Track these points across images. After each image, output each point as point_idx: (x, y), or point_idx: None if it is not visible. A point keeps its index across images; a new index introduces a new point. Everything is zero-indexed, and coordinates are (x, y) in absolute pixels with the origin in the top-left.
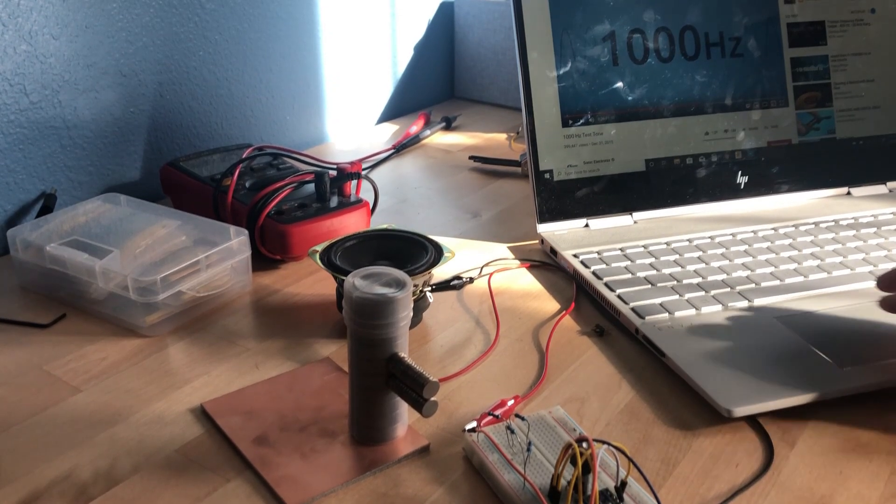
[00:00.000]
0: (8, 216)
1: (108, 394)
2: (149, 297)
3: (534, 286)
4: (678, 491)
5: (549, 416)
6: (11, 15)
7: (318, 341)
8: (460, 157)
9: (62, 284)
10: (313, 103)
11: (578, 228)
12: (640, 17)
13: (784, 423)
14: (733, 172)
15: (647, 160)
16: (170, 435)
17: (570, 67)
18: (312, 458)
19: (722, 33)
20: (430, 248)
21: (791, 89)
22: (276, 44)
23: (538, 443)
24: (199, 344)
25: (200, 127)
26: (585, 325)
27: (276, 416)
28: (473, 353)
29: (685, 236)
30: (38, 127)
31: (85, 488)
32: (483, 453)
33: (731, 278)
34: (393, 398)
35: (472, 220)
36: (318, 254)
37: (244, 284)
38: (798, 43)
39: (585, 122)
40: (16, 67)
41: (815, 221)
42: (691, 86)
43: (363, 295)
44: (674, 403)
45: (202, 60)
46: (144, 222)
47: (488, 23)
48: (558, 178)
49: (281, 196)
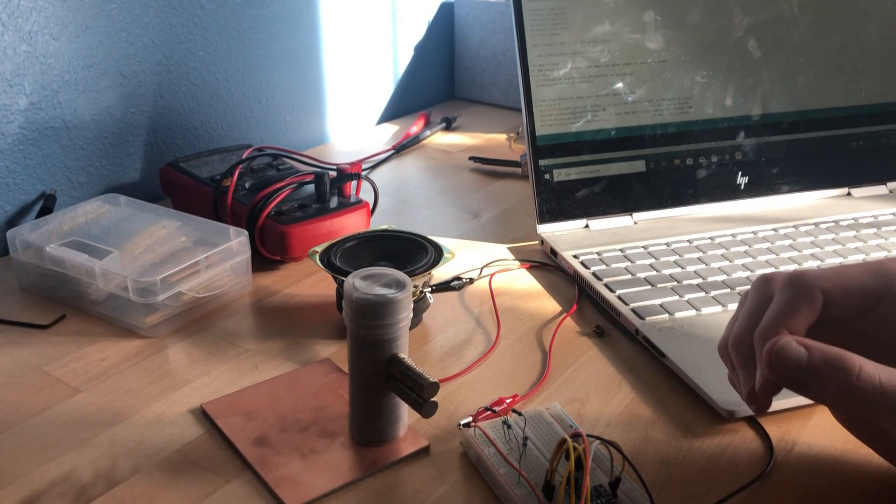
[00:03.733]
0: (8, 217)
1: (107, 394)
2: (149, 298)
3: (534, 287)
4: (678, 492)
5: (546, 412)
6: (11, 15)
7: (318, 342)
8: (460, 158)
9: (62, 285)
10: (313, 104)
11: (578, 229)
12: (640, 17)
13: (784, 423)
14: (733, 173)
15: (647, 160)
16: (170, 436)
17: (570, 67)
18: (312, 459)
19: (723, 33)
20: (430, 249)
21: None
22: (276, 44)
23: (534, 438)
24: (199, 345)
25: (200, 127)
26: (585, 326)
27: (275, 417)
28: (473, 354)
29: (685, 237)
30: (38, 128)
31: (85, 489)
32: (479, 447)
33: (731, 279)
34: (393, 399)
35: (472, 220)
36: (318, 254)
37: (244, 285)
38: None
39: (586, 123)
40: (15, 68)
41: (815, 222)
42: (691, 86)
43: (363, 296)
44: (674, 404)
45: (202, 61)
46: (144, 223)
47: (488, 23)
48: (558, 178)
49: (281, 197)
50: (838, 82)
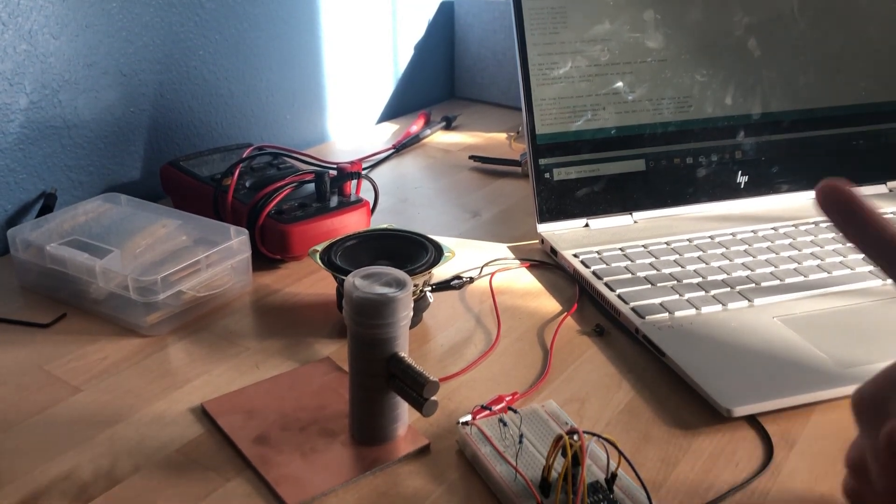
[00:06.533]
0: (8, 216)
1: (108, 393)
2: (149, 297)
3: (534, 286)
4: (678, 490)
5: (542, 410)
6: (11, 14)
7: (319, 341)
8: (460, 157)
9: (62, 284)
10: (313, 103)
11: (578, 228)
12: (640, 16)
13: (784, 423)
14: (733, 172)
15: (646, 159)
16: (170, 434)
17: (570, 66)
18: (313, 458)
19: (723, 32)
20: (431, 248)
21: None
22: (276, 43)
23: (530, 435)
24: (200, 343)
25: (201, 126)
26: (585, 325)
27: (276, 416)
28: (473, 353)
29: (685, 236)
30: (39, 127)
31: (85, 488)
32: (475, 445)
33: (731, 278)
34: (393, 398)
35: (473, 219)
36: (319, 253)
37: (244, 284)
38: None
39: (586, 122)
40: (16, 67)
41: (815, 221)
42: (691, 85)
43: (363, 295)
44: (674, 403)
45: (202, 60)
46: (145, 222)
47: (488, 23)
48: (558, 177)
49: (281, 196)
50: (838, 81)
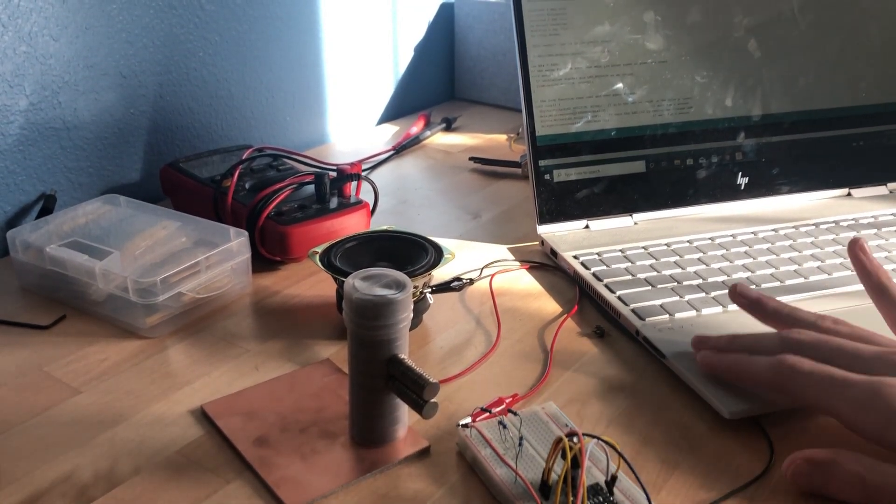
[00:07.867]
0: (8, 217)
1: (108, 395)
2: (149, 299)
3: (534, 287)
4: (679, 492)
5: (542, 412)
6: (11, 16)
7: (318, 343)
8: (460, 158)
9: (62, 286)
10: (313, 104)
11: (579, 230)
12: (641, 18)
13: (784, 424)
14: (733, 173)
15: (647, 161)
16: (170, 436)
17: (570, 68)
18: (312, 460)
19: (723, 33)
20: (431, 250)
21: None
22: (276, 45)
23: (530, 437)
24: (200, 345)
25: (200, 128)
26: (586, 327)
27: (276, 418)
28: (474, 355)
29: (685, 237)
30: (38, 128)
31: (85, 489)
32: (475, 448)
33: (731, 279)
34: (393, 400)
35: (473, 221)
36: (318, 255)
37: (244, 286)
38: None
39: (586, 123)
40: (15, 69)
41: (815, 222)
42: (691, 86)
43: (363, 296)
44: (674, 405)
45: (202, 61)
46: (144, 223)
47: (488, 23)
48: (558, 179)
49: (281, 197)
50: (838, 82)
